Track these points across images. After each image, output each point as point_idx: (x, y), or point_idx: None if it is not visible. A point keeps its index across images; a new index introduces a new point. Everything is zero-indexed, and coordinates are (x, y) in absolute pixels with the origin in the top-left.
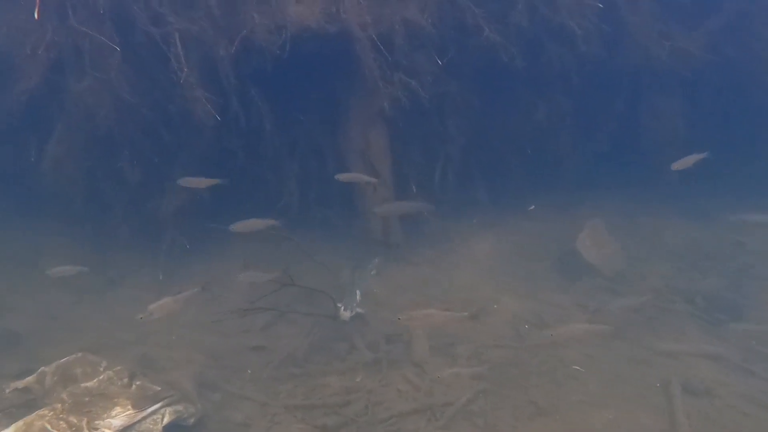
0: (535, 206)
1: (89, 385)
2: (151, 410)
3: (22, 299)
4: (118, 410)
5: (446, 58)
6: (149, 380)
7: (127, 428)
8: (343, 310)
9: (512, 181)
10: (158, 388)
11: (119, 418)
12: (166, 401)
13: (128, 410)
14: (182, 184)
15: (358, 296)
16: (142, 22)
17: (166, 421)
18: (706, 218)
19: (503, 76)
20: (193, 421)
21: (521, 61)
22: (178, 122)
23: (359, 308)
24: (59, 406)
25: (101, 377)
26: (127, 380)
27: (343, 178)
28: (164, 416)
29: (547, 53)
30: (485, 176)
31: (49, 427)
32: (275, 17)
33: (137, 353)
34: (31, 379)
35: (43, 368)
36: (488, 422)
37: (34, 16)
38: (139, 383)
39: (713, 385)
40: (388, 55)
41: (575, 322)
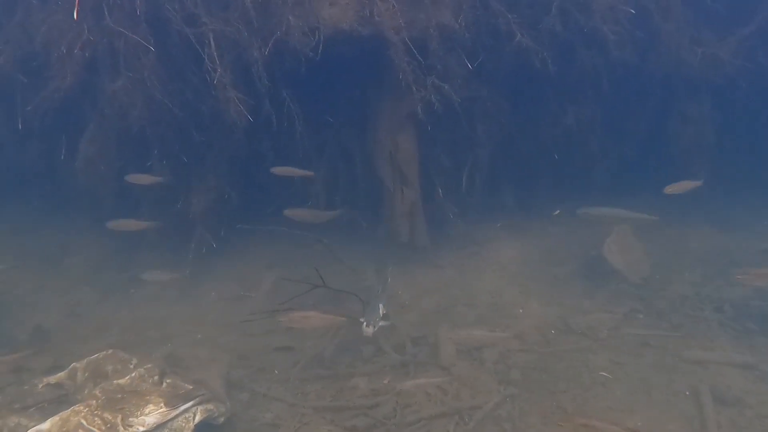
0: (560, 211)
1: (121, 382)
2: (183, 408)
3: (48, 297)
4: (151, 408)
5: (477, 62)
6: (180, 378)
7: (160, 426)
8: (365, 325)
9: (540, 185)
10: (189, 386)
11: (153, 415)
12: (197, 400)
13: (161, 408)
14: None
15: (381, 310)
16: (176, 22)
17: (197, 419)
18: (732, 225)
19: (534, 80)
20: (222, 420)
21: (552, 66)
22: (209, 123)
23: (383, 321)
24: (93, 402)
25: (133, 374)
26: (157, 378)
27: (277, 171)
28: (196, 415)
29: (578, 58)
30: (512, 180)
31: (84, 422)
32: (309, 19)
33: (164, 351)
34: (62, 374)
35: (74, 364)
36: (516, 427)
37: (73, 15)
38: (169, 381)
39: (743, 394)
40: (420, 58)
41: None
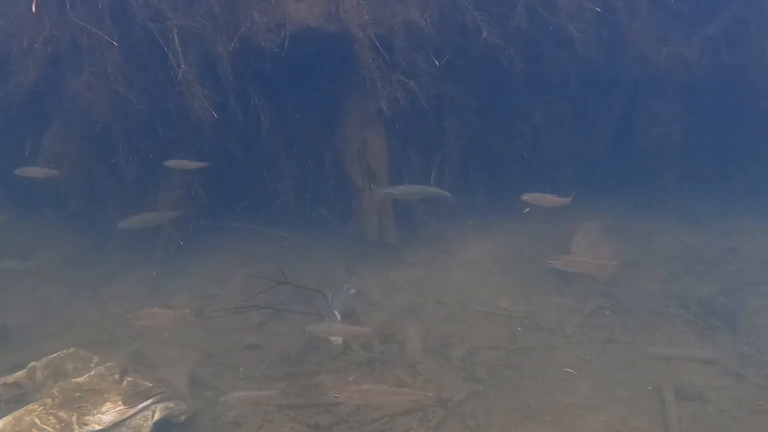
0: (530, 209)
1: (80, 380)
2: (141, 406)
3: (14, 294)
4: (108, 406)
5: (444, 59)
6: (141, 376)
7: (117, 424)
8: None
9: (509, 183)
10: (150, 384)
11: (109, 413)
12: (157, 398)
13: (119, 406)
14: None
15: (338, 318)
16: (140, 17)
17: (156, 417)
18: (699, 223)
19: (502, 78)
20: (184, 418)
21: (520, 63)
22: (174, 119)
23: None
24: (49, 401)
25: (92, 373)
26: (118, 376)
27: (170, 164)
28: (155, 412)
29: (546, 56)
30: (482, 178)
31: (38, 422)
32: (275, 15)
33: (130, 349)
34: (21, 374)
35: (33, 363)
36: (480, 424)
37: (31, 9)
38: (130, 379)
39: (705, 389)
40: (386, 55)
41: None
